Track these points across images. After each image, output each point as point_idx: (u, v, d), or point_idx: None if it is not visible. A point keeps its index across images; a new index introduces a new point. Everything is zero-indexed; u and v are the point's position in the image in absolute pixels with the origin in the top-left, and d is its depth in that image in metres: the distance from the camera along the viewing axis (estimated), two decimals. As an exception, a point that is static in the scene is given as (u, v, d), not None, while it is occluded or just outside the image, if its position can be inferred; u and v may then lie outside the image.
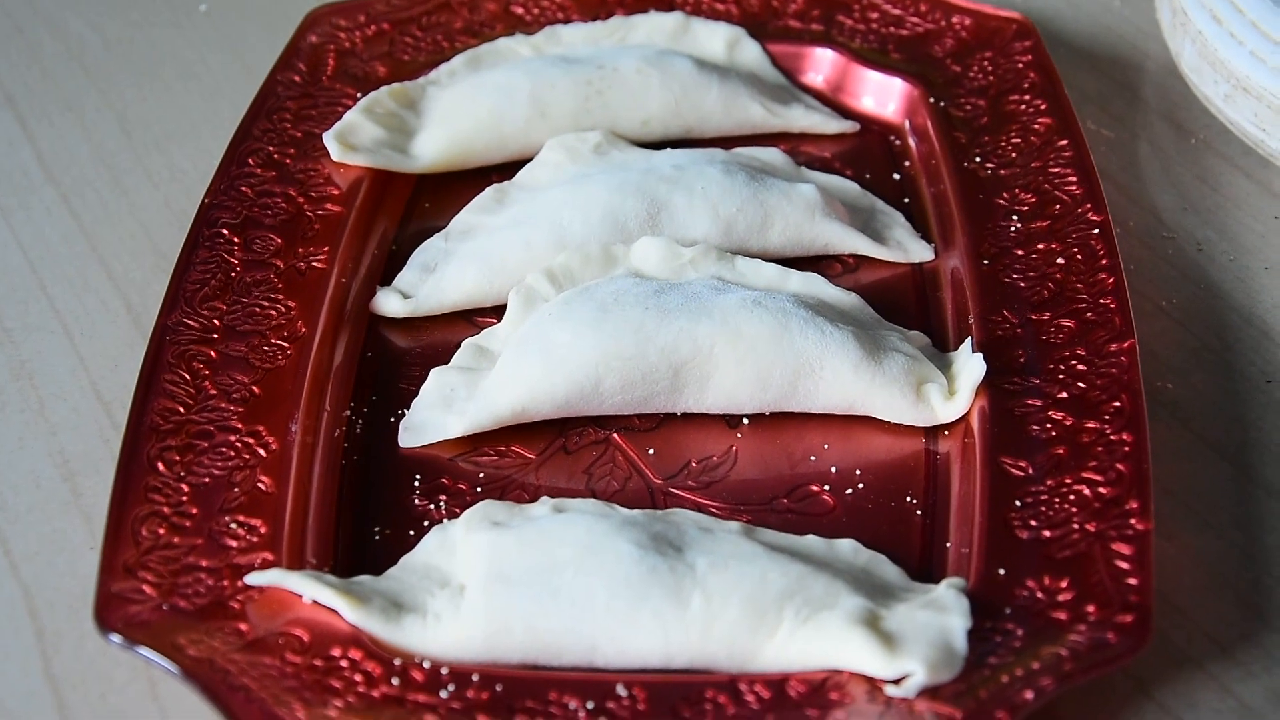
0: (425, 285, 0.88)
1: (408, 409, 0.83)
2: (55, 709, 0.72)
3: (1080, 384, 0.79)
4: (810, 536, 0.75)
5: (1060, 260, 0.86)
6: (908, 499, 0.78)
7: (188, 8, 1.16)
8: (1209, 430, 0.83)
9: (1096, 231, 0.87)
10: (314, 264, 0.88)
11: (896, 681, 0.67)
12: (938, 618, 0.69)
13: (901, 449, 0.80)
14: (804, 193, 0.90)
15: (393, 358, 0.87)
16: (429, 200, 0.96)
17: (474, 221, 0.91)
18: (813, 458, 0.80)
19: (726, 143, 0.98)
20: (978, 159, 0.95)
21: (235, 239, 0.89)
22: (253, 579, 0.72)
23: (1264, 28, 0.96)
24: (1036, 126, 0.95)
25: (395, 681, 0.68)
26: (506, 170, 0.96)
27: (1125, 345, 0.80)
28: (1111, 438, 0.76)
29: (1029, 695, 0.65)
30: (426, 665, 0.69)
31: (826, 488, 0.79)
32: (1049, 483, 0.75)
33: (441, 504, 0.78)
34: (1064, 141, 0.94)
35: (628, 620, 0.69)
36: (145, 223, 0.97)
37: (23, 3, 1.16)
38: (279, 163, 0.94)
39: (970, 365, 0.80)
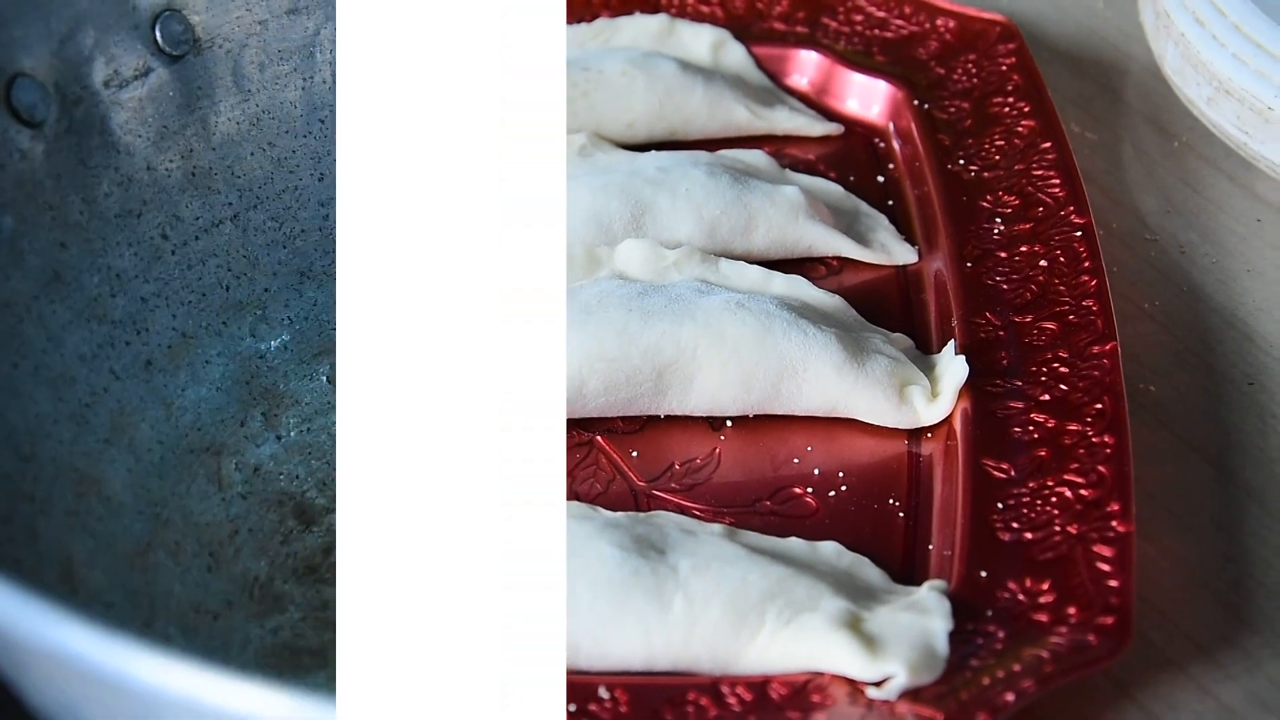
0: (409, 287, 0.88)
1: (391, 411, 0.82)
2: (36, 712, 0.72)
3: (1062, 386, 0.79)
4: (793, 539, 0.75)
5: (1043, 263, 0.86)
6: (890, 501, 0.78)
7: (172, 9, 1.16)
8: (1191, 433, 0.83)
9: (1079, 234, 0.87)
10: (297, 266, 0.88)
11: (878, 684, 0.67)
12: (919, 620, 0.69)
13: (884, 451, 0.81)
14: (788, 195, 0.90)
15: (376, 360, 0.86)
16: (413, 202, 0.96)
17: (458, 223, 0.91)
18: (795, 460, 0.80)
19: (711, 145, 0.98)
20: (961, 161, 0.95)
21: (218, 241, 0.88)
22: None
23: (1247, 30, 0.96)
24: (1020, 129, 0.96)
25: (377, 684, 0.68)
26: (491, 172, 0.96)
27: (1107, 347, 0.80)
28: (1093, 440, 0.76)
29: (1010, 697, 0.65)
30: (408, 668, 0.69)
31: (809, 490, 0.79)
32: (1031, 485, 0.75)
33: (424, 506, 0.78)
34: (1047, 144, 0.94)
35: (610, 622, 0.69)
36: (129, 224, 0.97)
37: (6, 3, 1.16)
38: (263, 164, 0.94)
39: (953, 367, 0.80)
